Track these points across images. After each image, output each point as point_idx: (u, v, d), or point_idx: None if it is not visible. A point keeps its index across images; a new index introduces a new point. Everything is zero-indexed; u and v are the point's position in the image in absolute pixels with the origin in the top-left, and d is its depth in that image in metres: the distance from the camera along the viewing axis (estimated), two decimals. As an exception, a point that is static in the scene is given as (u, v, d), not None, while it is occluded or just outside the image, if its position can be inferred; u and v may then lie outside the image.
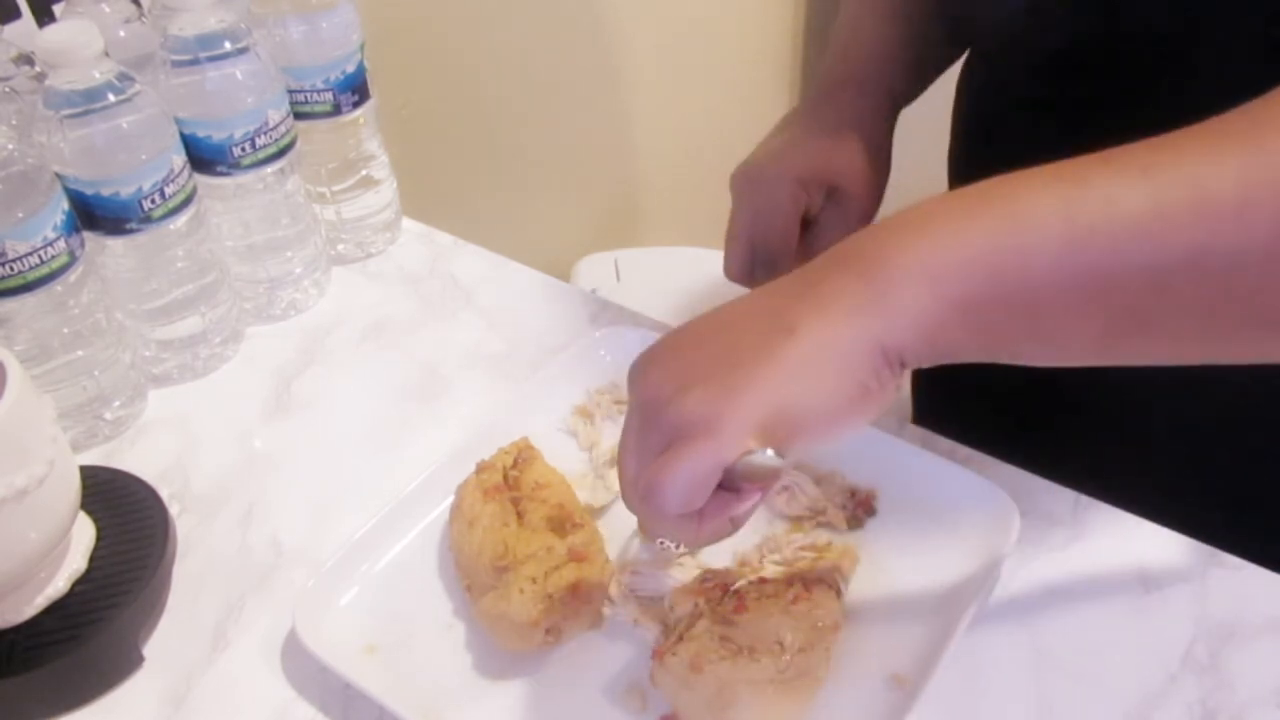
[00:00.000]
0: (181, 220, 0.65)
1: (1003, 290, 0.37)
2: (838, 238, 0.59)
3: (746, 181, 0.62)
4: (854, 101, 0.64)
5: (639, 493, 0.40)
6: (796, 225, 0.61)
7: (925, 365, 0.40)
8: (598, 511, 0.59)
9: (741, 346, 0.39)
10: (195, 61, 0.64)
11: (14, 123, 0.60)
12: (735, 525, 0.42)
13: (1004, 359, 0.39)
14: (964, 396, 0.76)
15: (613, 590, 0.54)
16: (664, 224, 1.60)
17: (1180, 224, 0.34)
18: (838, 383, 0.38)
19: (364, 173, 0.79)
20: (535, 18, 1.21)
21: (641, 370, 0.42)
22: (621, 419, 0.64)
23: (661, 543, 0.48)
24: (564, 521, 0.55)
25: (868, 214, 0.62)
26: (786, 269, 0.59)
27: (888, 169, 0.63)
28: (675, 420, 0.39)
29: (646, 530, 0.45)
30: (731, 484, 0.40)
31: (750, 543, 0.58)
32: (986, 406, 0.73)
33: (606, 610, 0.54)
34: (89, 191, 0.61)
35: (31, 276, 0.58)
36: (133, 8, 0.69)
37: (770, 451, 0.39)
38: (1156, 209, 0.35)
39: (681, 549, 0.51)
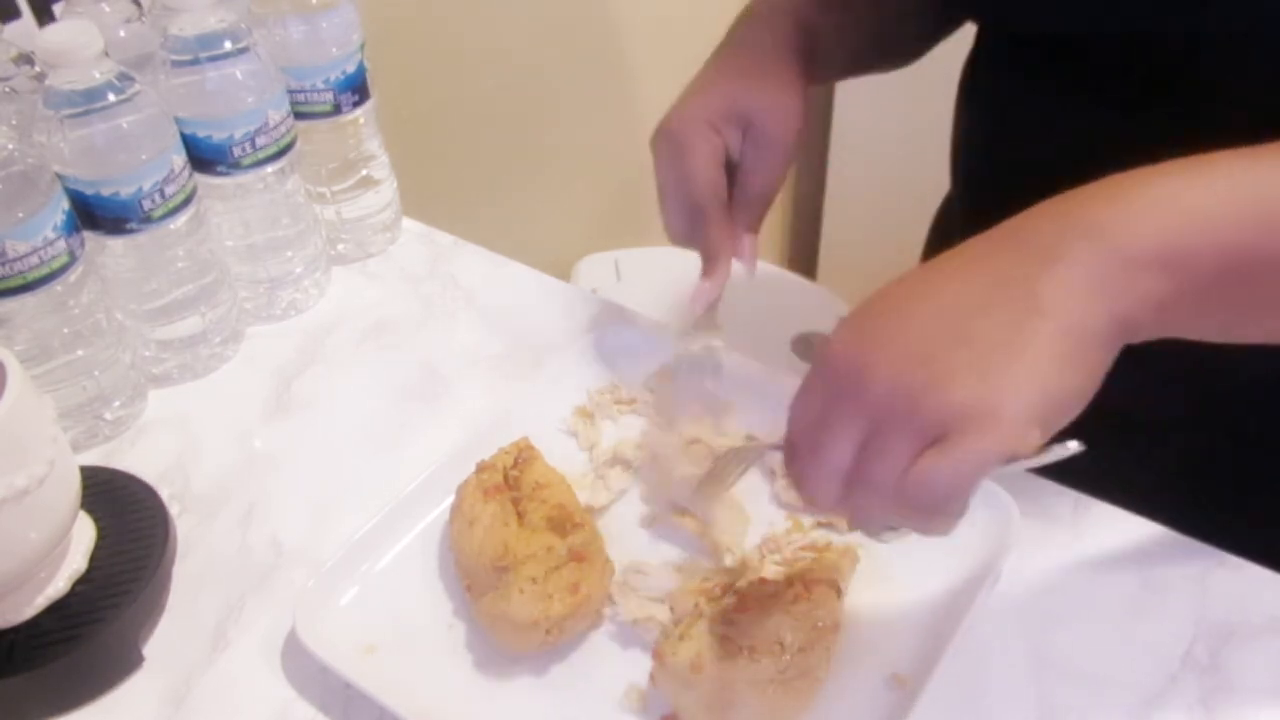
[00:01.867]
0: (181, 220, 0.65)
1: (1239, 283, 0.39)
2: (764, 172, 0.59)
3: (662, 139, 0.60)
4: (759, 37, 0.62)
5: (909, 496, 0.38)
6: (719, 172, 0.59)
7: (1146, 338, 0.40)
8: (598, 512, 0.59)
9: (990, 328, 0.38)
10: (195, 61, 0.64)
11: (14, 123, 0.60)
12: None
13: (1190, 336, 0.41)
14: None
15: (613, 590, 0.54)
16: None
17: None
18: (1093, 364, 0.38)
19: (364, 173, 0.79)
20: (535, 18, 1.21)
21: (858, 357, 0.39)
22: (622, 419, 0.65)
23: (885, 533, 0.45)
24: (564, 521, 0.55)
25: (788, 148, 0.60)
26: (718, 223, 0.58)
27: (801, 101, 0.60)
28: (940, 415, 0.37)
29: (864, 522, 0.43)
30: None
31: (750, 543, 0.58)
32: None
33: (606, 610, 0.54)
34: (89, 191, 0.61)
35: (31, 276, 0.58)
36: (133, 8, 0.69)
37: (1074, 443, 0.38)
38: None
39: (905, 534, 0.46)
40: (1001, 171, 0.65)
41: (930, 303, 0.40)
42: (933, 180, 0.77)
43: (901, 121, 1.41)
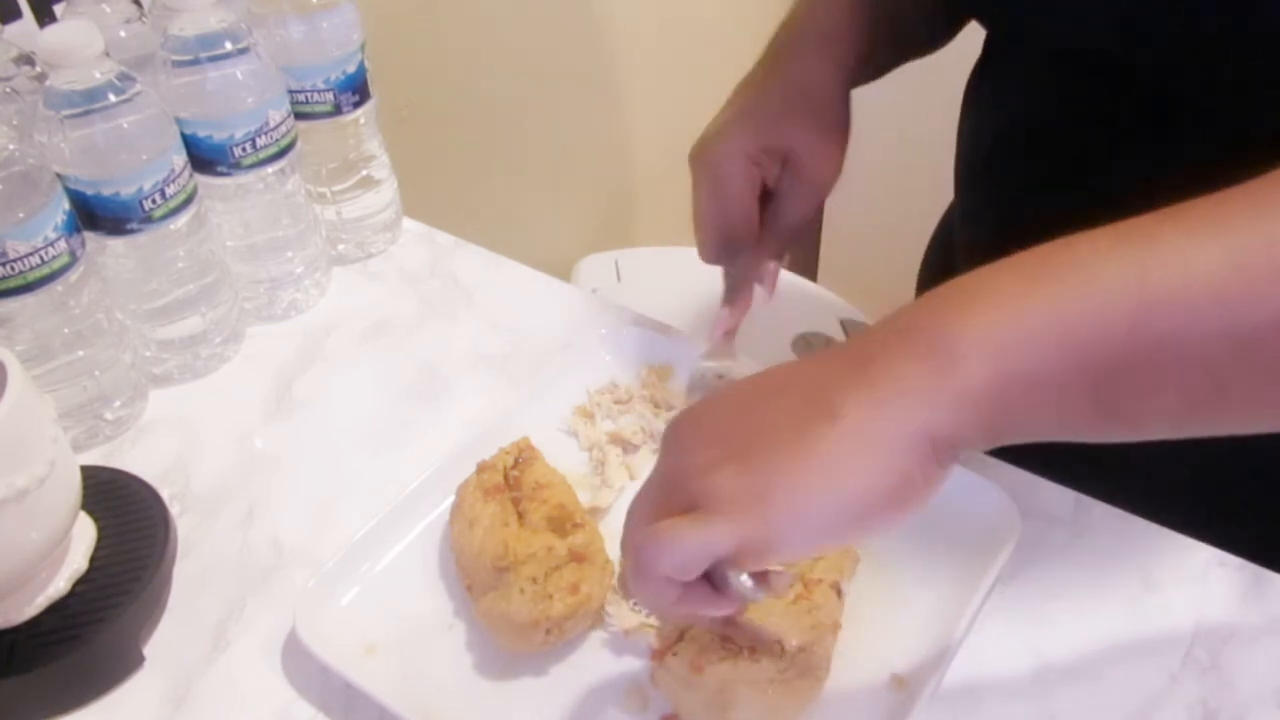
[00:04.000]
0: (182, 220, 0.65)
1: (1074, 364, 0.34)
2: (799, 207, 0.60)
3: (700, 162, 0.60)
4: (804, 63, 0.61)
5: (634, 543, 0.39)
6: (754, 203, 0.60)
7: (979, 449, 0.37)
8: (599, 512, 0.59)
9: (780, 425, 0.37)
10: (196, 61, 0.64)
11: (15, 123, 0.60)
12: (702, 619, 0.42)
13: (1067, 437, 0.37)
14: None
15: (609, 596, 0.54)
16: (664, 224, 1.60)
17: (1263, 284, 0.32)
18: (877, 475, 0.36)
19: (364, 173, 0.79)
20: (535, 18, 1.21)
21: (675, 433, 0.41)
22: (622, 419, 0.65)
23: (634, 603, 0.48)
24: (564, 521, 0.55)
25: (826, 181, 0.61)
26: (749, 253, 0.60)
27: (845, 130, 0.61)
28: (700, 493, 0.38)
29: (626, 586, 0.44)
30: (716, 578, 0.39)
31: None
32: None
33: (607, 610, 0.54)
34: (90, 191, 0.61)
35: (32, 276, 0.58)
36: (133, 8, 0.69)
37: (751, 583, 0.38)
38: (1236, 269, 0.33)
39: (647, 616, 0.51)
40: (1004, 182, 0.65)
41: (741, 396, 0.40)
42: (933, 182, 0.77)
43: (902, 123, 1.41)
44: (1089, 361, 0.34)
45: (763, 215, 0.61)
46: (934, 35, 0.70)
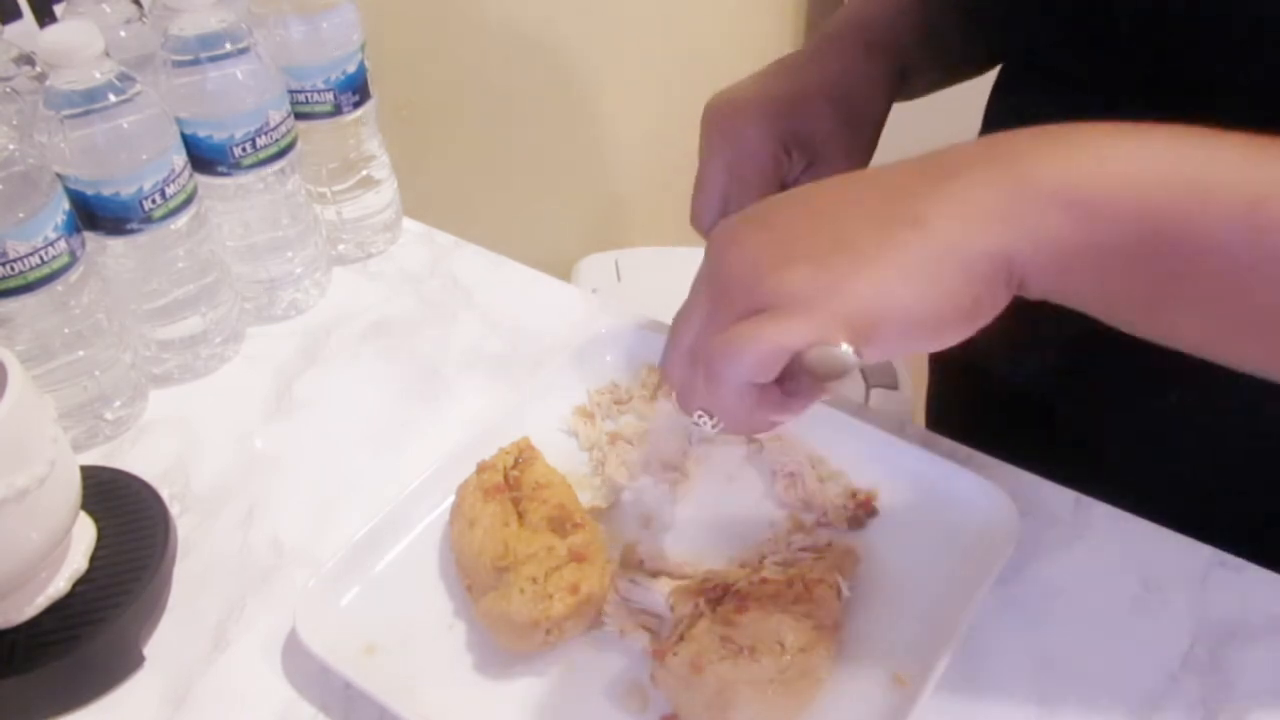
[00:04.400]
0: (182, 220, 0.65)
1: (1151, 253, 0.34)
2: None
3: (725, 127, 0.56)
4: (847, 61, 0.57)
5: (708, 352, 0.37)
6: (774, 189, 0.55)
7: (1039, 298, 0.37)
8: (599, 512, 0.59)
9: (858, 228, 0.36)
10: (196, 62, 0.64)
11: (15, 123, 0.60)
12: (764, 428, 0.40)
13: (1112, 317, 0.37)
14: (969, 397, 0.76)
15: (609, 596, 0.54)
16: (664, 224, 1.60)
17: None
18: (955, 291, 0.35)
19: (364, 173, 0.79)
20: (535, 18, 1.21)
21: (732, 235, 0.39)
22: (622, 419, 0.65)
23: (699, 416, 0.43)
24: (564, 522, 0.55)
25: None
26: None
27: (875, 140, 0.58)
28: (771, 294, 0.36)
29: (687, 401, 0.42)
30: (792, 379, 0.38)
31: (750, 543, 0.58)
32: (991, 406, 0.73)
33: (607, 610, 0.54)
34: (90, 191, 0.61)
35: (32, 277, 0.58)
36: (133, 8, 0.69)
37: (848, 346, 0.35)
38: None
39: (716, 427, 0.44)
40: None
41: (813, 200, 0.39)
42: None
43: (902, 123, 1.41)
44: (1167, 250, 0.34)
45: None
46: (978, 57, 0.67)
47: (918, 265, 0.35)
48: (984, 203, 0.35)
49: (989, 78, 0.68)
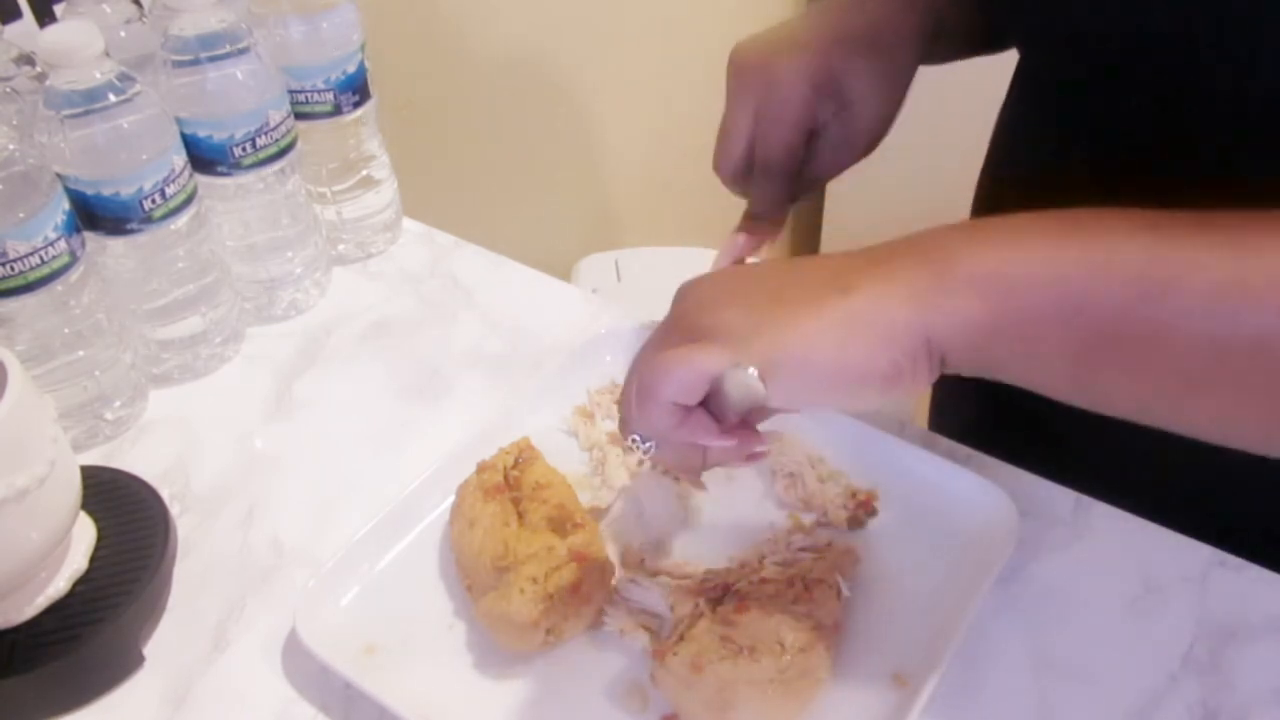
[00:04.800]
0: (182, 220, 0.65)
1: (1064, 325, 0.37)
2: (839, 159, 0.57)
3: (756, 72, 0.55)
4: (892, 7, 0.56)
5: (640, 372, 0.42)
6: (803, 134, 0.55)
7: (962, 373, 0.40)
8: (599, 512, 0.59)
9: (796, 290, 0.40)
10: (196, 62, 0.64)
11: (15, 123, 0.60)
12: (696, 462, 0.44)
13: (1042, 391, 0.40)
14: (969, 397, 0.76)
15: (609, 597, 0.54)
16: (664, 224, 1.60)
17: (1255, 302, 0.35)
18: (870, 352, 0.39)
19: (364, 173, 0.79)
20: (536, 18, 1.21)
21: (690, 288, 0.43)
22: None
23: (633, 440, 0.45)
24: (564, 521, 0.55)
25: (874, 139, 0.57)
26: (785, 185, 0.56)
27: (906, 88, 0.57)
28: (706, 328, 0.41)
29: (625, 424, 0.44)
30: (719, 411, 0.41)
31: (750, 543, 0.58)
32: (990, 406, 0.73)
33: (607, 610, 0.54)
34: (90, 191, 0.61)
35: (32, 276, 0.58)
36: (133, 8, 0.69)
37: (754, 371, 0.39)
38: (1239, 282, 0.35)
39: (647, 450, 0.46)
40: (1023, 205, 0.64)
41: (770, 269, 0.44)
42: (932, 183, 0.77)
43: (903, 124, 1.41)
44: (1079, 322, 0.37)
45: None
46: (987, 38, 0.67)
47: (837, 323, 0.39)
48: (906, 282, 0.39)
49: (973, 71, 0.67)
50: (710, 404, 0.41)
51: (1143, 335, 0.36)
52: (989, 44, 0.66)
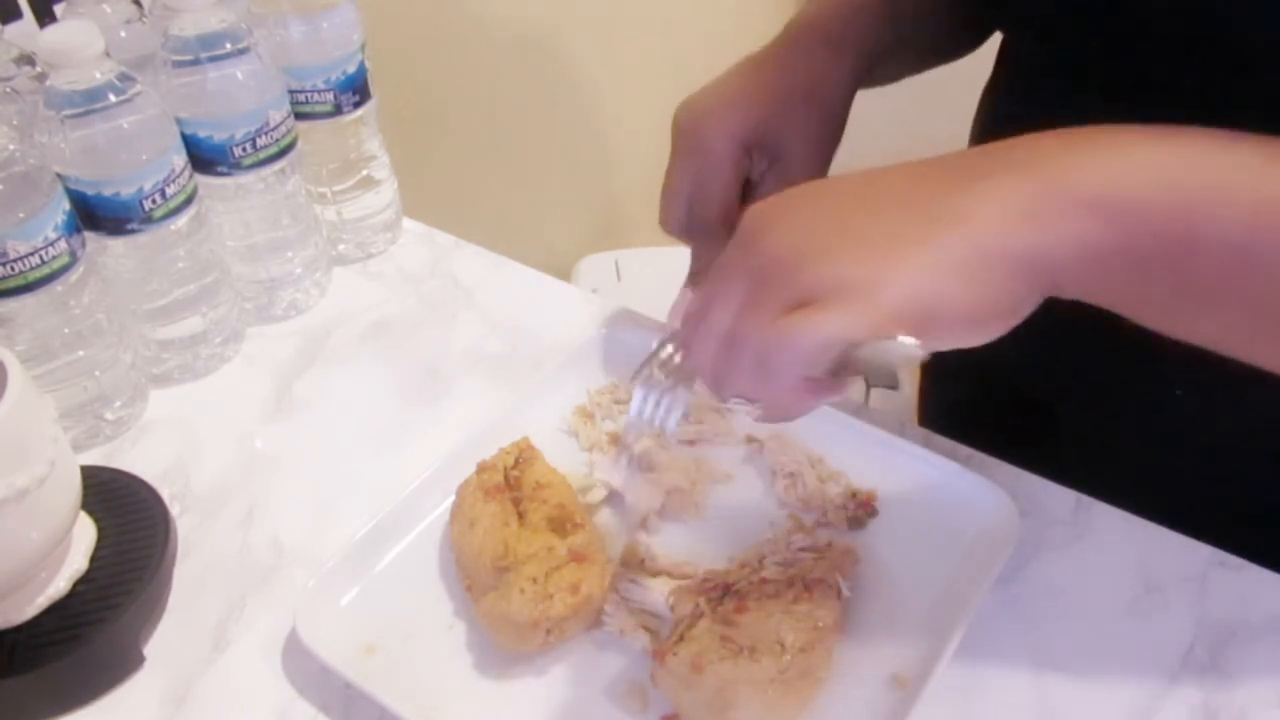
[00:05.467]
0: (182, 220, 0.65)
1: (1185, 253, 0.36)
2: None
3: (687, 135, 0.57)
4: (816, 54, 0.58)
5: (760, 343, 0.37)
6: (735, 193, 0.57)
7: (1071, 297, 0.38)
8: (597, 509, 0.59)
9: (901, 218, 0.37)
10: (196, 62, 0.64)
11: (15, 123, 0.60)
12: (800, 413, 0.40)
13: (1138, 318, 0.38)
14: (968, 397, 0.76)
15: (609, 596, 0.54)
16: (664, 224, 1.60)
17: None
18: (999, 288, 0.36)
19: (364, 173, 0.79)
20: (536, 18, 1.21)
21: (765, 225, 0.39)
22: (622, 419, 0.65)
23: (736, 401, 0.42)
24: (564, 521, 0.55)
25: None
26: (723, 237, 0.54)
27: (839, 136, 0.58)
28: (817, 281, 0.36)
29: (723, 386, 0.41)
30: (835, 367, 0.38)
31: (751, 543, 0.58)
32: (989, 406, 0.73)
33: (606, 610, 0.54)
34: (90, 192, 0.61)
35: (33, 277, 0.58)
36: (133, 8, 0.69)
37: (911, 339, 0.35)
38: None
39: (753, 413, 0.44)
40: None
41: (850, 187, 0.39)
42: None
43: (902, 124, 1.41)
44: (1199, 249, 0.36)
45: (741, 204, 0.58)
46: (959, 40, 0.68)
47: (965, 261, 0.36)
48: (1018, 204, 0.36)
49: (971, 71, 0.68)
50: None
51: (1237, 270, 0.35)
52: (952, 51, 0.67)
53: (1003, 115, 0.65)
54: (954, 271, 0.36)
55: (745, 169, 0.57)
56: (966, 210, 0.36)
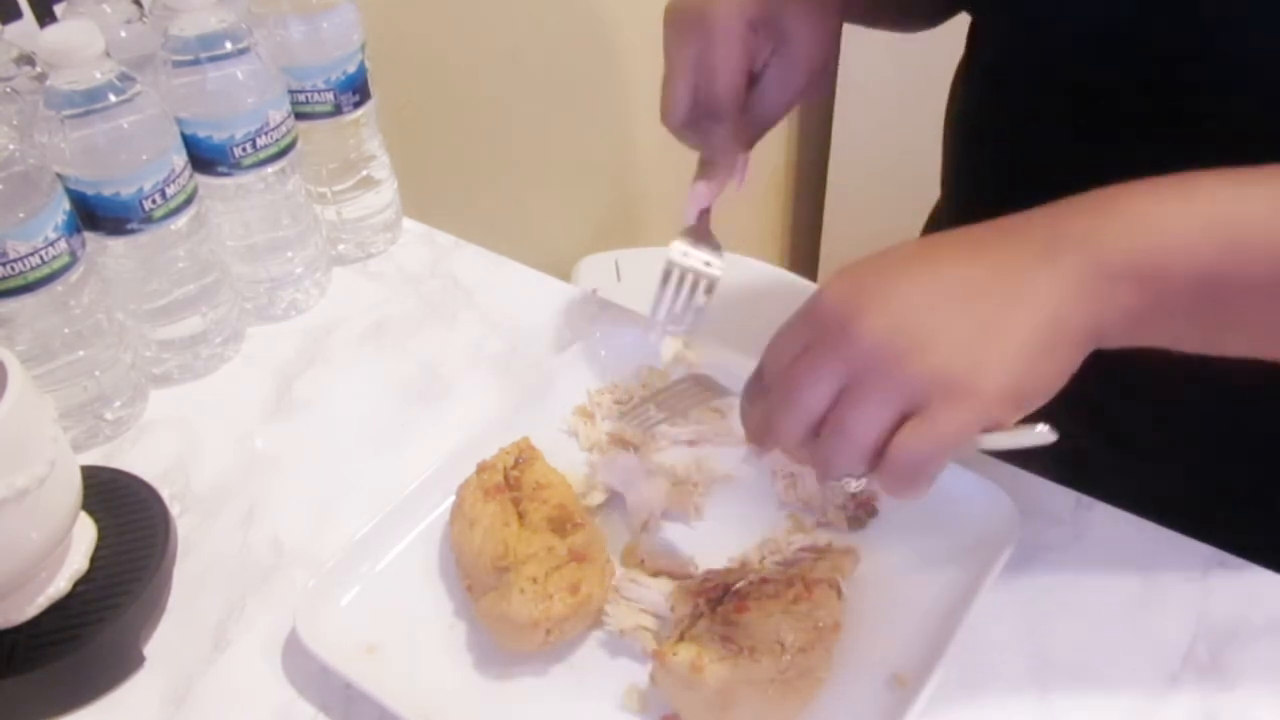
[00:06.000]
0: (182, 220, 0.65)
1: (1202, 305, 0.41)
2: (784, 94, 0.57)
3: (692, 19, 0.55)
4: None
5: (897, 459, 0.40)
6: (745, 77, 0.56)
7: (1113, 346, 0.42)
8: (597, 510, 0.59)
9: (981, 309, 0.40)
10: (196, 62, 0.64)
11: (15, 123, 0.60)
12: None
13: (1173, 348, 0.43)
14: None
15: (609, 596, 0.54)
16: (664, 224, 1.60)
17: None
18: (1064, 360, 0.40)
19: (364, 173, 0.79)
20: (536, 18, 1.21)
21: (854, 307, 0.41)
22: (621, 419, 0.65)
23: (846, 480, 0.45)
24: (564, 521, 0.55)
25: (816, 68, 0.57)
26: (730, 125, 0.56)
27: (837, 32, 0.58)
28: (922, 378, 0.39)
29: (831, 471, 0.43)
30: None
31: (751, 543, 0.58)
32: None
33: (607, 610, 0.54)
34: (90, 192, 0.61)
35: (33, 277, 0.58)
36: (133, 8, 0.69)
37: (1043, 427, 0.40)
38: None
39: (859, 485, 0.47)
40: (986, 182, 0.66)
41: (929, 272, 0.42)
42: (932, 183, 0.77)
43: (902, 124, 1.41)
44: (1215, 299, 0.41)
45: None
46: (926, 13, 0.70)
47: (1045, 341, 0.40)
48: (1075, 280, 0.40)
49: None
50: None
51: (1265, 307, 0.41)
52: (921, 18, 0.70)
53: (975, 102, 0.67)
54: (1038, 353, 0.40)
55: (750, 51, 0.55)
56: (1035, 297, 0.40)
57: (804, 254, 1.91)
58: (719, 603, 0.51)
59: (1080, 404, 0.44)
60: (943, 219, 0.75)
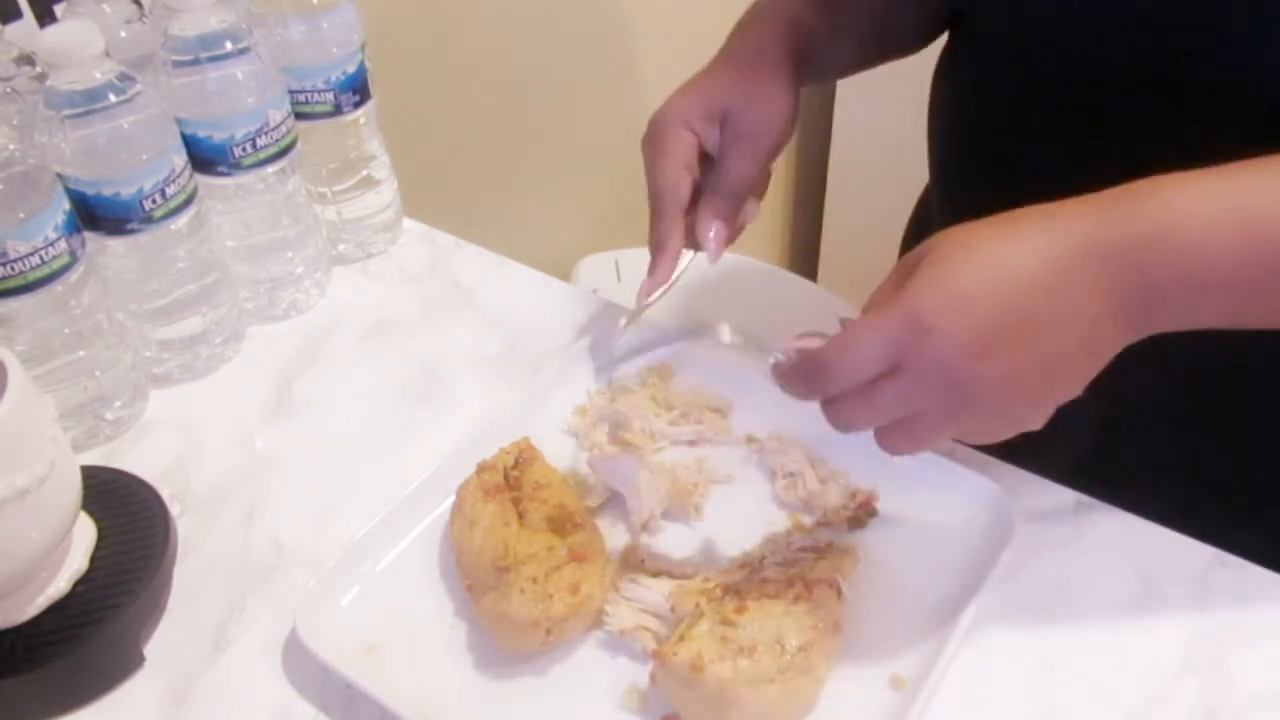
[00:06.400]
0: (182, 220, 0.65)
1: (1224, 309, 0.44)
2: (738, 170, 0.60)
3: (645, 141, 0.62)
4: (748, 38, 0.63)
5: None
6: (682, 172, 0.61)
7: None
8: (597, 511, 0.59)
9: (1060, 362, 0.43)
10: (196, 62, 0.64)
11: (15, 123, 0.60)
12: None
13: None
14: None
15: (609, 596, 0.54)
16: (664, 224, 1.60)
17: None
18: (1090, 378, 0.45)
19: (365, 173, 0.79)
20: (536, 17, 1.21)
21: (933, 319, 0.43)
22: (620, 419, 0.65)
23: None
24: (564, 521, 0.55)
25: (766, 139, 0.60)
26: (671, 217, 0.64)
27: (786, 96, 0.61)
28: (995, 419, 0.45)
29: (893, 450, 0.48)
30: None
31: (751, 543, 0.58)
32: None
33: (607, 611, 0.54)
34: (90, 192, 0.61)
35: (33, 277, 0.58)
36: (134, 8, 0.69)
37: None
38: None
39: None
40: (971, 166, 0.66)
41: (1037, 323, 0.43)
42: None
43: (902, 123, 1.41)
44: (1241, 309, 0.44)
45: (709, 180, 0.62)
46: (920, 32, 0.71)
47: (1088, 377, 0.44)
48: (1136, 319, 0.44)
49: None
50: None
51: None
52: (901, 43, 0.71)
53: (956, 103, 0.67)
54: (1079, 386, 0.45)
55: (690, 143, 0.60)
56: (1106, 343, 0.44)
57: (804, 253, 1.91)
58: (719, 603, 0.51)
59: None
60: (931, 201, 0.76)
